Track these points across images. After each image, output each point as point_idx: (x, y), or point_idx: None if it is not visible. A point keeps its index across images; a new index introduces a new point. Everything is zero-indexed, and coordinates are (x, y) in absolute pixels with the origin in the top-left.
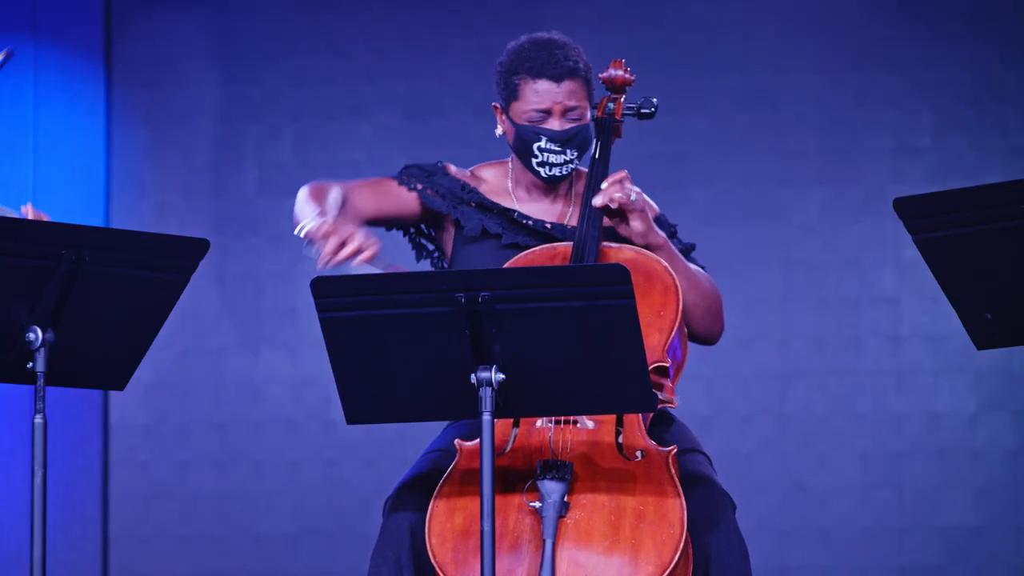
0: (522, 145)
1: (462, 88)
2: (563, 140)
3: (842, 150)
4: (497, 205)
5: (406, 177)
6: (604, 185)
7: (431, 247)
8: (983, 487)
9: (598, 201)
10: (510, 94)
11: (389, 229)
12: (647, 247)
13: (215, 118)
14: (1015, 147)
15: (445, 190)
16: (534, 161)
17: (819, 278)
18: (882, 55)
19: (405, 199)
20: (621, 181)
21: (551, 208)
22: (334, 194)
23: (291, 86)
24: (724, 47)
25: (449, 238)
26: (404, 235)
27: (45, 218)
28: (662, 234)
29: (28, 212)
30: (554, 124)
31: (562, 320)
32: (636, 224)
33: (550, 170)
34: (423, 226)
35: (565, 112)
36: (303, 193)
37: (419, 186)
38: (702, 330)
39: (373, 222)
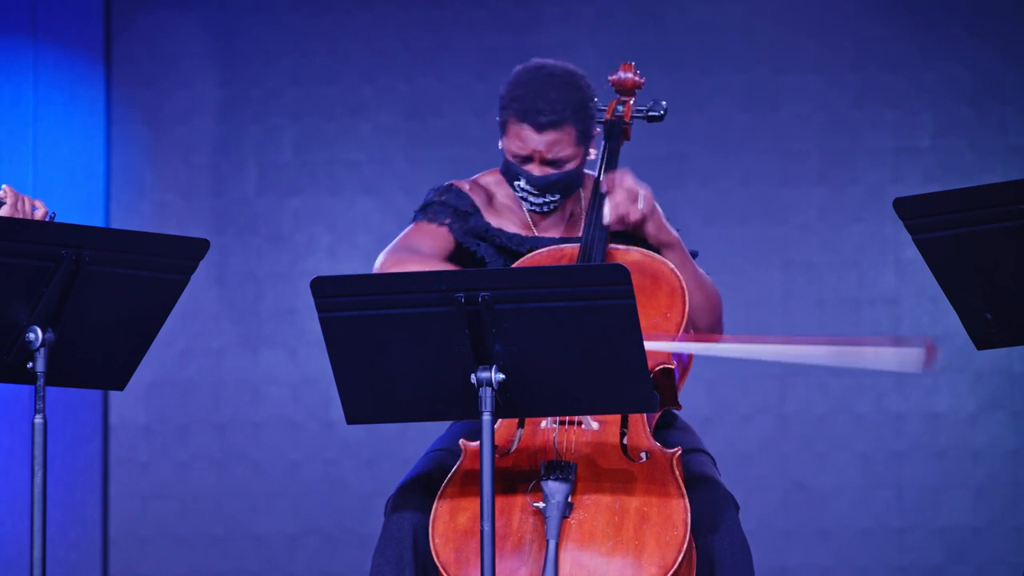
0: (508, 176)
1: (462, 88)
2: (540, 187)
3: (842, 150)
4: (518, 250)
5: (432, 214)
6: (604, 190)
7: None
8: (983, 487)
9: (607, 219)
10: (502, 126)
11: None
12: (659, 246)
13: (215, 118)
14: (1015, 147)
15: (469, 229)
16: (516, 193)
17: (819, 278)
18: (882, 55)
19: (442, 235)
20: (628, 190)
21: (562, 217)
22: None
23: (291, 86)
24: (724, 47)
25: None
26: None
27: (26, 200)
28: (674, 233)
29: (7, 194)
30: (534, 169)
31: (562, 320)
32: (649, 228)
33: (530, 206)
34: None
35: (546, 162)
36: (402, 263)
37: (447, 220)
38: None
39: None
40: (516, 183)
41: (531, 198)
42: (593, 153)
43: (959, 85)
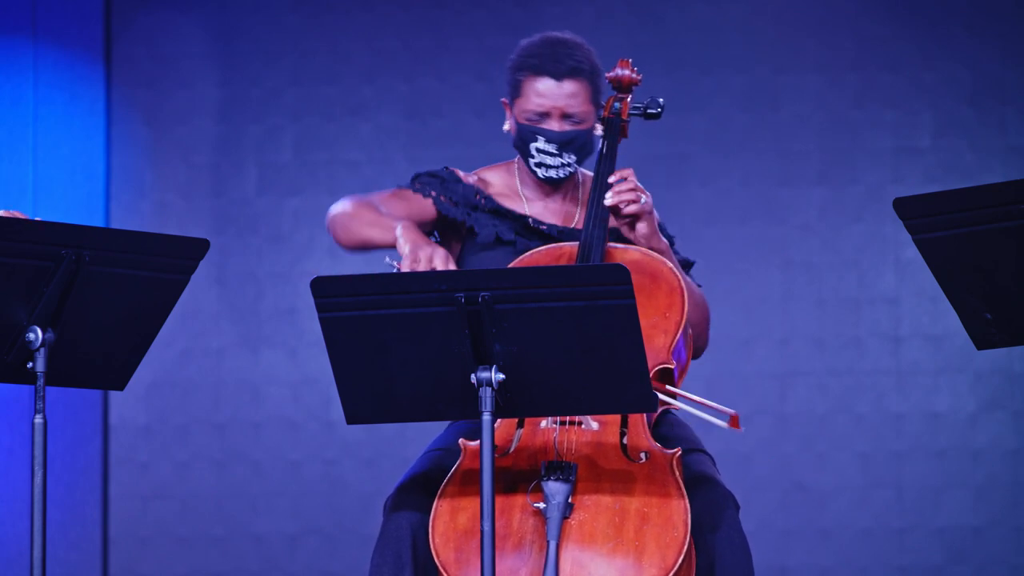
0: (521, 144)
1: (462, 88)
2: (560, 142)
3: (842, 150)
4: (511, 211)
5: (419, 184)
6: (612, 179)
7: None
8: (983, 487)
9: (609, 200)
10: (514, 90)
11: None
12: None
13: (215, 118)
14: (1015, 147)
15: (459, 197)
16: (531, 161)
17: (819, 278)
18: (882, 55)
19: (422, 206)
20: (633, 184)
21: (560, 208)
22: (378, 208)
23: (291, 86)
24: (724, 47)
25: (458, 245)
26: None
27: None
28: (664, 240)
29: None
30: (553, 125)
31: (562, 320)
32: (642, 227)
33: (546, 171)
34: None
35: (564, 116)
36: (351, 207)
37: (433, 193)
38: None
39: None
40: (532, 145)
41: (548, 160)
42: (599, 129)
43: (959, 85)
